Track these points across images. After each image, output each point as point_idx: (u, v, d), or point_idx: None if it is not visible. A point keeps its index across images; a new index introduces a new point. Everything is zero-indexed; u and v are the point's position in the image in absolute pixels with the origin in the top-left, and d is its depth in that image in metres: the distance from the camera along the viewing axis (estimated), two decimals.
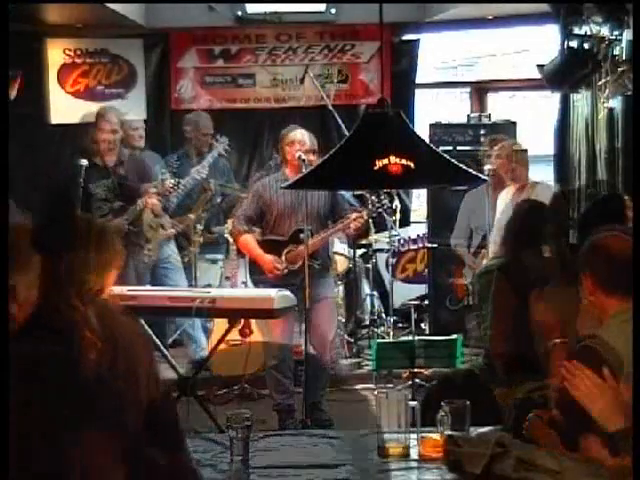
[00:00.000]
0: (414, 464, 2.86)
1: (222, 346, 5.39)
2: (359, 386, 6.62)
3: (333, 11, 8.20)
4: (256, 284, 5.83)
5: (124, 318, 2.18)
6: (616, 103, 5.91)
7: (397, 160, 2.77)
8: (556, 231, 4.76)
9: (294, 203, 5.67)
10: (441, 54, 8.92)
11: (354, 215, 5.61)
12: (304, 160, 5.60)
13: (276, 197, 5.70)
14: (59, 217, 2.11)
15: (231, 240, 6.55)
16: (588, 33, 6.00)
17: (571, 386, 2.58)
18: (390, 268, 7.65)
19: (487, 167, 6.63)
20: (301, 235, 5.57)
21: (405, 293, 8.18)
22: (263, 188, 5.80)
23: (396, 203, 7.05)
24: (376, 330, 7.43)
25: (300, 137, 5.78)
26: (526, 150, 6.70)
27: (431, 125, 7.71)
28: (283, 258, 5.69)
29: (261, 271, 5.73)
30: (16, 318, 1.98)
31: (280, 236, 5.70)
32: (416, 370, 4.65)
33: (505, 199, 6.60)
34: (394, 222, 7.14)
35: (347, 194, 5.95)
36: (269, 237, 5.75)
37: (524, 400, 3.44)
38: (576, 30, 6.19)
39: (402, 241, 8.38)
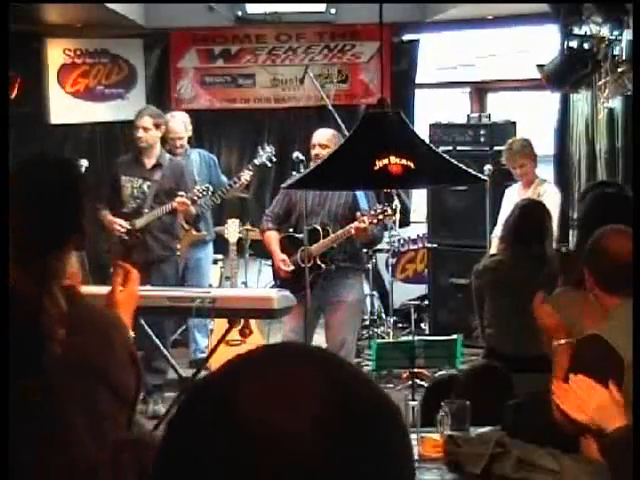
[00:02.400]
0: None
1: (222, 346, 5.39)
2: None
3: (333, 11, 8.20)
4: (275, 283, 5.90)
5: (93, 304, 2.19)
6: (616, 103, 5.91)
7: (397, 160, 2.77)
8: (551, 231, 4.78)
9: (317, 203, 5.69)
10: (441, 54, 8.90)
11: (355, 223, 5.62)
12: (302, 160, 5.64)
13: (299, 195, 5.73)
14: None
15: (232, 240, 6.56)
16: (588, 33, 6.00)
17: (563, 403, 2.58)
18: (390, 268, 7.65)
19: (487, 167, 6.64)
20: (300, 235, 5.59)
21: (405, 293, 8.18)
22: None
23: (396, 203, 7.05)
24: (376, 330, 7.43)
25: (315, 136, 5.86)
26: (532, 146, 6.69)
27: (431, 125, 7.70)
28: (298, 256, 5.71)
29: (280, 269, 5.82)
30: None
31: (299, 234, 5.73)
32: (416, 370, 4.66)
33: (511, 195, 6.60)
34: (394, 222, 7.13)
35: (365, 197, 5.93)
36: (288, 234, 5.80)
37: (524, 400, 3.44)
38: (576, 30, 6.20)
39: (402, 241, 8.37)
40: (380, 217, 5.63)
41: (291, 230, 5.83)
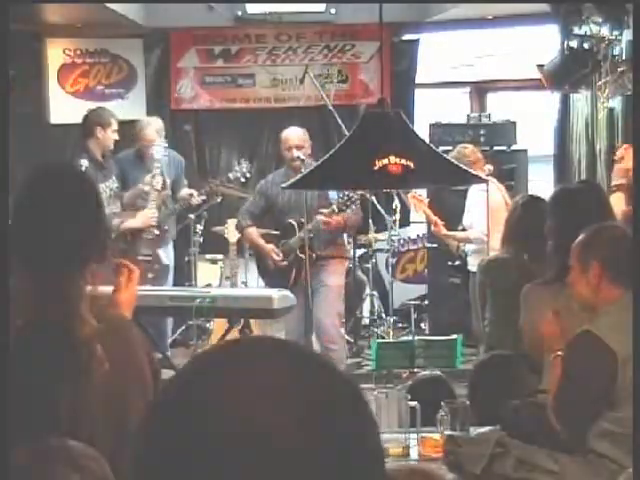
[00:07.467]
0: (414, 464, 2.86)
1: None
2: None
3: (333, 11, 8.20)
4: (263, 277, 6.11)
5: (117, 316, 2.18)
6: (616, 103, 5.91)
7: (397, 160, 2.77)
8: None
9: (294, 200, 5.78)
10: (441, 54, 8.90)
11: (321, 217, 5.73)
12: (303, 160, 5.69)
13: (277, 194, 5.83)
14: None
15: (231, 240, 6.57)
16: (588, 33, 6.00)
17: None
18: (390, 268, 7.64)
19: (487, 167, 6.64)
20: (276, 232, 5.80)
21: (405, 293, 8.18)
22: (267, 185, 6.03)
23: (396, 203, 7.05)
24: (376, 330, 7.42)
25: (285, 135, 5.98)
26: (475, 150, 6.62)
27: (431, 125, 7.70)
28: (279, 252, 5.92)
29: (265, 263, 5.94)
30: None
31: (276, 231, 5.89)
32: (416, 370, 4.65)
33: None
34: (394, 222, 7.13)
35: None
36: (264, 231, 6.01)
37: (524, 401, 3.44)
38: (576, 30, 6.20)
39: (402, 241, 8.37)
40: (347, 204, 5.70)
41: (270, 226, 6.05)
